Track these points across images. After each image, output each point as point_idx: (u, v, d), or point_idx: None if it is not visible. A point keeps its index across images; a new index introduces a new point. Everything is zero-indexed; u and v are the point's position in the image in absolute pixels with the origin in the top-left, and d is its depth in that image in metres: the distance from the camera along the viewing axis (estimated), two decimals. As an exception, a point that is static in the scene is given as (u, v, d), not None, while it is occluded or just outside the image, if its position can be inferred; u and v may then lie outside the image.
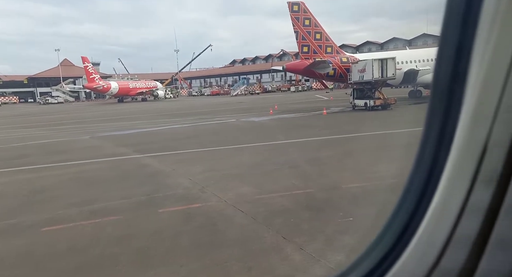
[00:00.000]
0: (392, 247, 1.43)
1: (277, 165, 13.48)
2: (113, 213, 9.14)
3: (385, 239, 1.48)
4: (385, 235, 1.49)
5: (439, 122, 1.31)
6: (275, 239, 7.14)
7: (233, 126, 27.54)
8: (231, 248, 6.91)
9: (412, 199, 1.40)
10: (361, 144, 16.94)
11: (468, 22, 1.18)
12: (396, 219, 1.46)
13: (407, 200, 1.43)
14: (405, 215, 1.42)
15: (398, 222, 1.44)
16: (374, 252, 1.51)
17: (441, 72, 1.32)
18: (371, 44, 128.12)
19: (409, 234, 1.36)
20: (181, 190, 11.01)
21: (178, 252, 6.91)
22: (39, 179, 13.10)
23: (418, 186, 1.39)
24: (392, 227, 1.47)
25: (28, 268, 6.42)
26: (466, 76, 1.19)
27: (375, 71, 30.61)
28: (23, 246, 7.37)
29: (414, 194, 1.40)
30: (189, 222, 8.46)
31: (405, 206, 1.43)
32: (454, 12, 1.24)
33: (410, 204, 1.40)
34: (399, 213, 1.46)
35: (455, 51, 1.24)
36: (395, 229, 1.45)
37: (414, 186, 1.41)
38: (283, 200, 9.37)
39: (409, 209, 1.41)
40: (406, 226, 1.40)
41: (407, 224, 1.40)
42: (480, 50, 1.15)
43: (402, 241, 1.38)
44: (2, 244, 7.47)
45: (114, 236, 7.78)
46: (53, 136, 26.12)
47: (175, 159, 15.93)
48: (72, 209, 9.51)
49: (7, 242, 7.58)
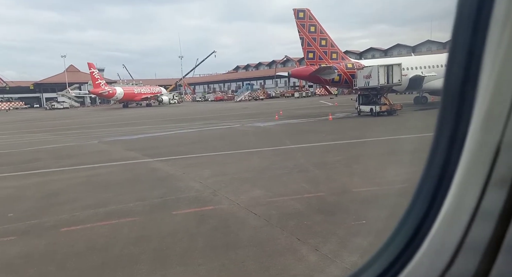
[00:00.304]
0: (402, 250, 1.42)
1: (286, 169, 13.64)
2: (128, 215, 9.33)
3: (395, 243, 1.47)
4: (395, 238, 1.48)
5: (450, 125, 1.30)
6: (289, 241, 7.30)
7: (239, 131, 27.74)
8: (246, 249, 7.07)
9: (423, 202, 1.39)
10: (368, 149, 17.07)
11: (479, 25, 1.18)
12: (406, 222, 1.45)
13: (418, 203, 1.42)
14: (416, 218, 1.40)
15: (409, 225, 1.43)
16: (384, 255, 1.50)
17: (452, 75, 1.31)
18: (374, 50, 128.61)
19: (420, 237, 1.35)
20: (193, 192, 11.19)
21: (195, 252, 7.07)
22: (53, 182, 13.34)
23: (429, 188, 1.38)
24: (402, 230, 1.46)
25: (53, 267, 6.62)
26: (478, 79, 1.18)
27: (381, 77, 30.82)
28: (46, 245, 7.58)
29: (425, 196, 1.38)
30: (203, 224, 8.63)
31: (416, 209, 1.42)
32: (465, 15, 1.23)
33: (421, 207, 1.39)
34: (410, 216, 1.44)
35: (466, 54, 1.24)
36: (405, 232, 1.43)
37: (425, 189, 1.40)
38: (295, 203, 9.53)
39: (420, 212, 1.39)
40: (417, 230, 1.38)
41: (418, 227, 1.38)
42: (491, 53, 1.14)
43: (413, 245, 1.37)
44: (26, 244, 7.68)
45: (131, 237, 7.96)
46: (62, 141, 26.44)
47: (185, 163, 16.12)
48: (87, 211, 9.72)
49: (31, 241, 7.79)
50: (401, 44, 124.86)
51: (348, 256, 6.41)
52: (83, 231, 8.36)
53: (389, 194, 9.65)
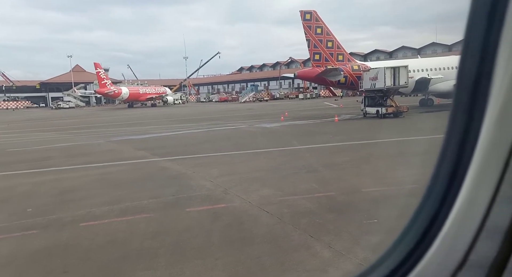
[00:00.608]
0: (412, 250, 1.41)
1: (295, 170, 13.84)
2: (144, 211, 9.58)
3: (405, 241, 1.46)
4: (405, 237, 1.47)
5: (462, 124, 1.29)
6: (303, 237, 7.50)
7: (246, 132, 27.96)
8: (261, 245, 7.29)
9: (433, 202, 1.38)
10: (376, 151, 17.23)
11: (494, 21, 1.16)
12: (417, 221, 1.44)
13: (429, 203, 1.40)
14: (426, 217, 1.39)
15: (419, 224, 1.42)
16: (394, 255, 1.49)
17: (465, 72, 1.29)
18: (379, 52, 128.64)
19: (430, 237, 1.34)
20: (204, 191, 11.42)
21: (211, 247, 7.29)
22: (67, 180, 13.62)
23: (440, 188, 1.36)
24: (412, 229, 1.45)
25: (76, 259, 6.86)
26: (492, 76, 1.16)
27: (387, 79, 30.95)
28: (67, 239, 7.84)
29: (436, 196, 1.37)
30: (217, 220, 8.86)
31: (426, 209, 1.41)
32: (479, 12, 1.22)
33: (432, 207, 1.38)
34: (420, 216, 1.43)
35: (480, 51, 1.22)
36: (416, 231, 1.42)
37: (436, 188, 1.39)
38: (305, 202, 9.73)
39: (430, 211, 1.38)
40: (427, 229, 1.38)
41: (428, 226, 1.37)
42: (506, 49, 1.13)
43: (423, 244, 1.36)
44: (48, 237, 7.94)
45: (149, 232, 8.20)
46: (71, 140, 26.79)
47: (194, 162, 16.35)
48: (104, 207, 9.98)
49: (52, 235, 8.05)
50: (406, 46, 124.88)
51: (361, 252, 6.61)
52: (101, 226, 8.61)
53: (399, 194, 9.83)
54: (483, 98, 1.19)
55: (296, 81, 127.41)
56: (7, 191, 12.18)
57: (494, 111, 1.16)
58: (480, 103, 1.20)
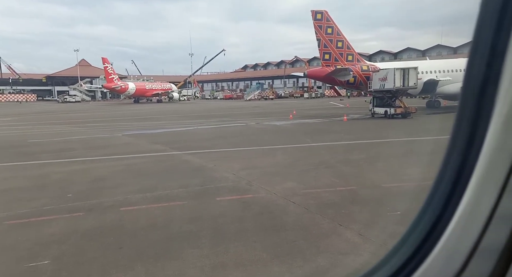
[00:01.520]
0: (414, 252, 1.40)
1: (313, 165, 14.39)
2: (176, 199, 10.15)
3: (408, 244, 1.45)
4: (408, 239, 1.47)
5: (468, 126, 1.28)
6: (332, 226, 8.05)
7: (257, 129, 28.49)
8: (294, 231, 7.85)
9: (438, 203, 1.37)
10: (389, 149, 17.76)
11: (503, 24, 1.16)
12: (420, 223, 1.43)
13: (432, 204, 1.40)
14: (429, 220, 1.38)
15: (422, 227, 1.41)
16: (396, 256, 1.49)
17: (473, 75, 1.29)
18: (384, 53, 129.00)
19: (433, 239, 1.33)
20: (229, 182, 11.98)
21: (247, 232, 7.86)
22: (94, 170, 14.22)
23: (445, 189, 1.35)
24: (415, 231, 1.44)
25: (126, 238, 7.45)
26: (499, 79, 1.16)
27: (397, 80, 31.45)
28: (112, 221, 8.44)
29: (441, 197, 1.36)
30: (247, 209, 9.42)
31: (429, 211, 1.40)
32: (488, 15, 1.22)
33: (436, 208, 1.37)
34: (423, 218, 1.42)
35: (488, 54, 1.22)
36: (418, 234, 1.42)
37: (440, 189, 1.38)
38: (329, 195, 10.28)
39: (434, 214, 1.37)
40: (430, 231, 1.37)
41: (431, 229, 1.37)
42: None
43: (426, 247, 1.36)
44: (95, 219, 8.54)
45: (185, 217, 8.77)
46: (86, 133, 27.39)
47: (213, 156, 16.90)
48: (137, 195, 10.56)
49: (98, 217, 8.65)
50: (411, 48, 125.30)
51: (390, 240, 7.14)
52: (140, 211, 9.20)
53: (417, 190, 10.34)
54: (490, 101, 1.18)
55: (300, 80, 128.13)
56: (43, 178, 12.78)
57: (501, 115, 1.15)
58: (487, 106, 1.19)
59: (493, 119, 1.17)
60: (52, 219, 8.50)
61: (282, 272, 6.09)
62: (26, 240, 7.34)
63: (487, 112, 1.19)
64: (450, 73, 38.12)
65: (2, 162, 15.82)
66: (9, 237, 7.63)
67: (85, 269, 6.23)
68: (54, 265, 6.32)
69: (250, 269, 6.17)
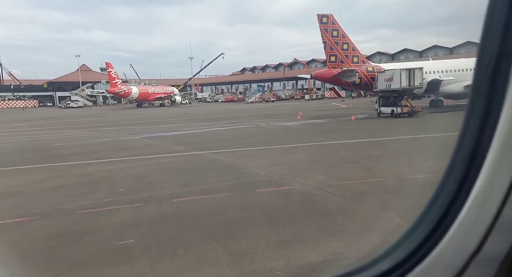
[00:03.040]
0: (431, 232, 1.41)
1: (336, 161, 15.22)
2: (220, 191, 10.97)
3: (424, 223, 1.46)
4: (424, 219, 1.48)
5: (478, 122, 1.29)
6: (372, 210, 8.90)
7: (269, 130, 29.30)
8: (339, 215, 8.71)
9: (453, 182, 1.38)
10: (405, 145, 18.61)
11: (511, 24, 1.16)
12: (435, 203, 1.44)
13: (448, 185, 1.42)
14: (445, 200, 1.40)
15: (438, 206, 1.42)
16: (413, 236, 1.50)
17: (482, 71, 1.29)
18: (382, 54, 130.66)
19: (449, 219, 1.35)
20: (263, 177, 12.80)
21: (296, 217, 8.70)
22: (132, 168, 15.03)
23: (459, 171, 1.37)
24: (432, 211, 1.45)
25: (191, 222, 8.30)
26: (509, 74, 1.17)
27: (403, 80, 32.47)
28: (171, 209, 9.30)
29: (457, 176, 1.38)
30: (289, 198, 10.26)
31: (445, 192, 1.42)
32: (496, 13, 1.23)
33: (451, 190, 1.39)
34: (439, 198, 1.44)
35: (497, 51, 1.23)
36: (435, 213, 1.43)
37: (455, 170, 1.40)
38: (361, 186, 11.13)
39: (449, 195, 1.39)
40: (446, 211, 1.38)
41: (447, 209, 1.38)
42: None
43: (442, 227, 1.37)
44: (155, 208, 9.39)
45: (235, 206, 9.60)
46: (104, 136, 28.13)
47: (237, 155, 17.69)
48: (183, 188, 11.38)
49: (157, 207, 9.49)
50: (408, 49, 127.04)
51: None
52: (191, 202, 10.02)
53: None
54: (499, 97, 1.19)
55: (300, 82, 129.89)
56: (88, 176, 13.58)
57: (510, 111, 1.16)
58: (496, 102, 1.20)
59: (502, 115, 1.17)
60: (117, 209, 9.33)
61: (341, 246, 6.93)
62: (105, 225, 8.18)
63: (497, 107, 1.19)
64: (452, 73, 39.24)
65: (42, 163, 16.63)
66: (89, 222, 8.49)
67: (168, 245, 7.07)
68: (140, 243, 7.19)
69: (312, 244, 7.00)
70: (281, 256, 6.54)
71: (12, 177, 14.12)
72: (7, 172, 15.18)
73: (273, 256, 6.55)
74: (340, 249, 6.79)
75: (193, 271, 6.12)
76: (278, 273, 5.98)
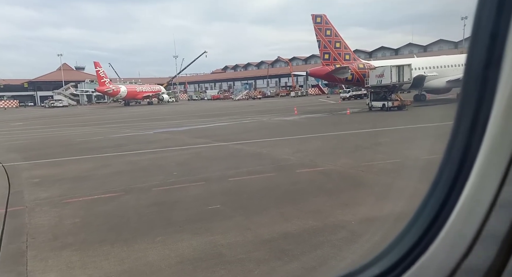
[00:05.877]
0: (419, 238, 1.43)
1: (352, 148, 17.12)
2: (264, 172, 12.55)
3: (413, 230, 1.48)
4: (413, 225, 1.50)
5: (471, 112, 1.30)
6: (409, 183, 10.58)
7: (274, 124, 30.74)
8: (381, 187, 10.46)
9: (441, 191, 1.40)
10: (407, 134, 20.72)
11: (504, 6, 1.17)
12: (424, 210, 1.46)
13: (437, 191, 1.43)
14: (434, 206, 1.41)
15: (427, 213, 1.44)
16: (402, 243, 1.52)
17: (474, 59, 1.29)
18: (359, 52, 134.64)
19: (437, 226, 1.36)
20: (294, 161, 14.47)
21: (344, 187, 10.47)
22: (169, 158, 16.39)
23: (448, 177, 1.38)
24: (420, 218, 1.47)
25: (257, 194, 10.01)
26: (501, 63, 1.17)
27: (393, 76, 34.95)
28: (231, 186, 10.90)
29: (444, 185, 1.39)
30: (329, 176, 12.00)
31: (434, 198, 1.43)
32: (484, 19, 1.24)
33: (440, 196, 1.40)
34: (428, 204, 1.46)
35: (489, 38, 1.22)
36: (423, 220, 1.45)
37: (444, 177, 1.41)
38: (384, 165, 12.98)
39: (438, 201, 1.40)
40: (434, 218, 1.39)
41: (435, 215, 1.39)
42: None
43: (430, 233, 1.39)
44: (218, 186, 10.94)
45: (285, 182, 11.27)
46: (118, 132, 28.94)
47: (259, 145, 19.14)
48: (230, 171, 12.94)
49: (219, 185, 11.04)
50: (384, 47, 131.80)
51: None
52: (244, 181, 11.59)
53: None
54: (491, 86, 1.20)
55: (283, 80, 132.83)
56: (136, 164, 14.92)
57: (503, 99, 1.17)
58: (489, 91, 1.21)
59: (495, 103, 1.18)
60: (185, 186, 10.89)
61: (391, 208, 8.77)
62: (186, 197, 9.80)
63: (489, 96, 1.20)
64: (436, 69, 42.22)
65: (80, 155, 17.65)
66: (170, 196, 10.05)
67: (250, 208, 8.79)
68: (226, 208, 8.87)
69: (368, 205, 8.80)
70: (348, 213, 8.30)
71: (68, 165, 15.29)
72: (56, 162, 16.30)
73: (341, 213, 8.30)
74: (391, 210, 8.63)
75: (283, 222, 7.79)
76: (353, 223, 7.75)
